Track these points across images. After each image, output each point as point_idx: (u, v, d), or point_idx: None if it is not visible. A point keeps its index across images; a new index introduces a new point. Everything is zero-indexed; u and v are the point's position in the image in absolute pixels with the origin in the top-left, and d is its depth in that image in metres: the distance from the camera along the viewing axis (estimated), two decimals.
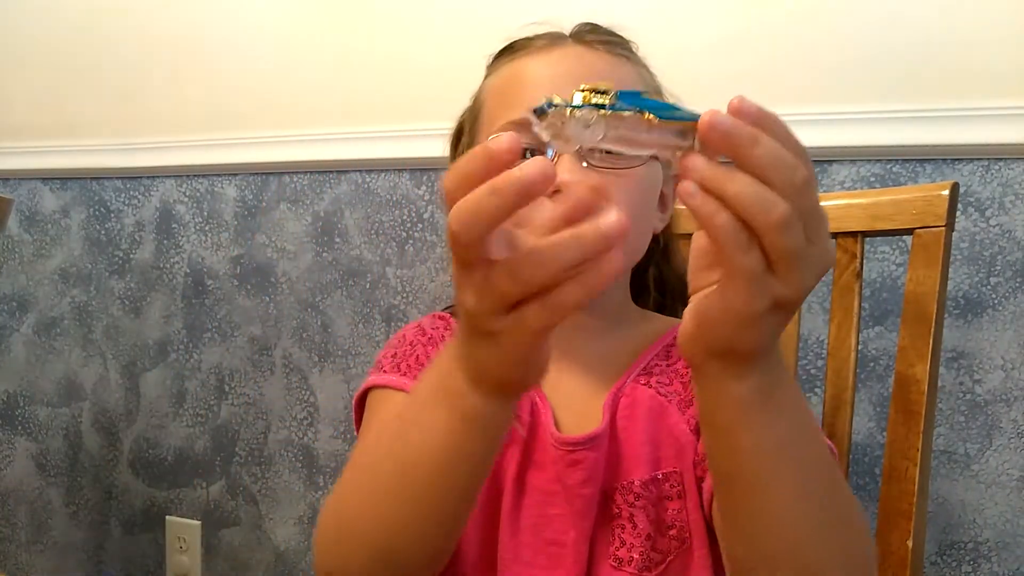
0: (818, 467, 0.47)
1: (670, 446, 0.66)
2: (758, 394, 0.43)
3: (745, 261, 0.38)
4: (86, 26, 1.57)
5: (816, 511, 0.46)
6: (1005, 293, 1.04)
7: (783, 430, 0.44)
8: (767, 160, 0.36)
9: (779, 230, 0.37)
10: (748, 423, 0.43)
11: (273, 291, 1.45)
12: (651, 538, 0.65)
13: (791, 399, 0.45)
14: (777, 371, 0.44)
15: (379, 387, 0.69)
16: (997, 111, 1.02)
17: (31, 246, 1.65)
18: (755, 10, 1.13)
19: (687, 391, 0.68)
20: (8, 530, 1.69)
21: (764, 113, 0.37)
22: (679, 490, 0.65)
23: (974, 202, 1.05)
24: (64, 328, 1.63)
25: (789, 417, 0.45)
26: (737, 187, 0.37)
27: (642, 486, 0.65)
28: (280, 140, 1.42)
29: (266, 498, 1.47)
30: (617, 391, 0.68)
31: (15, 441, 1.68)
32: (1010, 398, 1.04)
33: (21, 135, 1.64)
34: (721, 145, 0.36)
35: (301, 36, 1.41)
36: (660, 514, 0.65)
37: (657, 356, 0.70)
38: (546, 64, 0.69)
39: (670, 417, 0.67)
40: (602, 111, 0.38)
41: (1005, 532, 1.04)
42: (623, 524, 0.65)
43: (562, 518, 0.65)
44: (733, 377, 0.43)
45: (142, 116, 1.54)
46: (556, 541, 0.65)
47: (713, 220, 0.37)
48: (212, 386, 1.51)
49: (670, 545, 0.65)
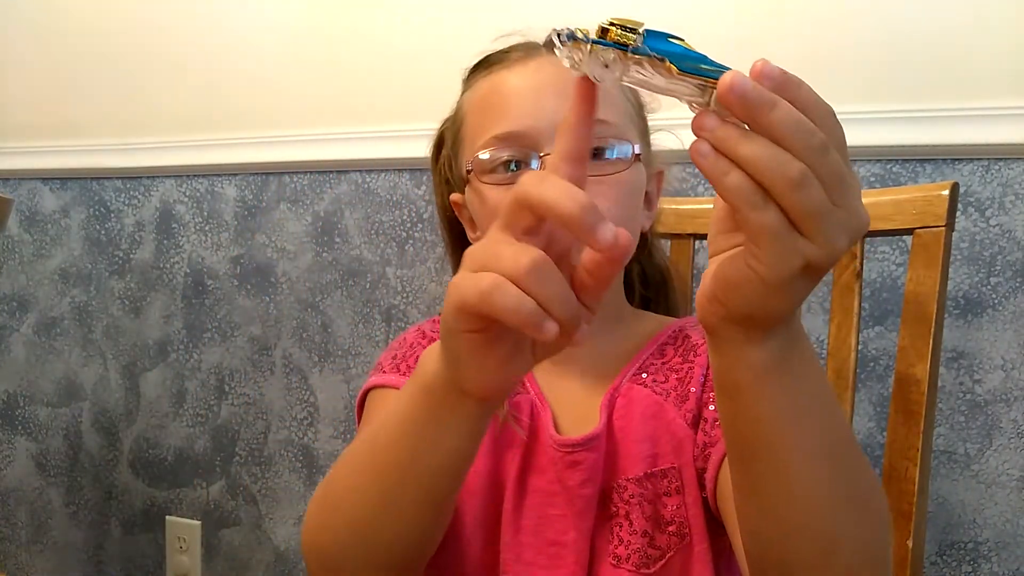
0: (835, 436, 0.45)
1: (667, 442, 0.66)
2: (777, 359, 0.42)
3: (763, 218, 0.36)
4: (86, 26, 1.57)
5: (832, 481, 0.45)
6: (1005, 293, 1.04)
7: (801, 396, 0.43)
8: (784, 124, 0.36)
9: (795, 188, 0.36)
10: (765, 389, 0.42)
11: (273, 291, 1.45)
12: (648, 535, 0.65)
13: (809, 365, 0.44)
14: (797, 336, 0.43)
15: (379, 387, 0.70)
16: (997, 111, 1.02)
17: (31, 246, 1.65)
18: (755, 13, 1.13)
19: (682, 386, 0.68)
20: (8, 530, 1.69)
21: (787, 77, 0.37)
22: (677, 486, 0.66)
23: (974, 202, 1.05)
24: (64, 328, 1.63)
25: (807, 383, 0.44)
26: (750, 148, 0.36)
27: (636, 483, 0.65)
28: (280, 140, 1.42)
29: (266, 498, 1.47)
30: (614, 392, 0.68)
31: (15, 441, 1.68)
32: (1010, 398, 1.04)
33: (21, 135, 1.64)
34: (738, 108, 0.36)
35: (301, 36, 1.41)
36: (658, 510, 0.65)
37: (652, 355, 0.71)
38: (525, 76, 0.69)
39: (667, 414, 0.67)
40: (622, 51, 0.37)
41: (1005, 532, 1.04)
42: (620, 522, 0.65)
43: (562, 519, 0.65)
44: (752, 342, 0.41)
45: (142, 116, 1.54)
46: (557, 541, 0.65)
47: (725, 180, 0.36)
48: (212, 386, 1.51)
49: (670, 541, 0.65)
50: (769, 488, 0.45)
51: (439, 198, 0.78)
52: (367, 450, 0.52)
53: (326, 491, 0.54)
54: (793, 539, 0.45)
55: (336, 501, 0.53)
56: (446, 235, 0.79)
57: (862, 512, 0.46)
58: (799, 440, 0.43)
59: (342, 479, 0.53)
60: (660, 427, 0.67)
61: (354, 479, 0.52)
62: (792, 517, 0.45)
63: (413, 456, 0.49)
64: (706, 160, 0.37)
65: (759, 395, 0.43)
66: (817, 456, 0.44)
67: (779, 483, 0.44)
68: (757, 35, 1.12)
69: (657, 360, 0.71)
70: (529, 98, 0.67)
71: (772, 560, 0.47)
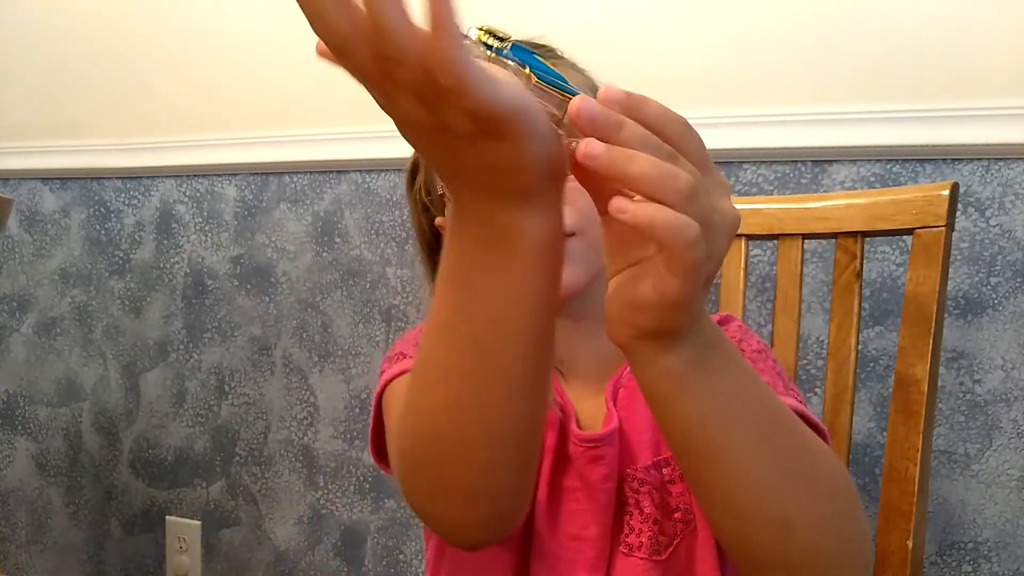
0: (770, 422, 0.47)
1: None
2: (692, 363, 0.43)
3: (695, 253, 0.37)
4: (86, 26, 1.57)
5: (773, 464, 0.46)
6: (1005, 293, 1.04)
7: (724, 393, 0.44)
8: (632, 142, 0.37)
9: (691, 199, 0.37)
10: (687, 392, 0.43)
11: (273, 291, 1.45)
12: (658, 522, 0.66)
13: (728, 359, 0.45)
14: (709, 335, 0.44)
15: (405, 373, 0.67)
16: (997, 111, 1.02)
17: (31, 246, 1.65)
18: (755, 13, 1.13)
19: None
20: (8, 530, 1.69)
21: (631, 98, 0.38)
22: (680, 473, 0.66)
23: (974, 202, 1.05)
24: (64, 328, 1.63)
25: (729, 377, 0.45)
26: (638, 167, 0.37)
27: (644, 471, 0.66)
28: (280, 140, 1.42)
29: (266, 498, 1.47)
30: (616, 383, 0.69)
31: (15, 441, 1.68)
32: (1010, 398, 1.04)
33: (21, 135, 1.64)
34: (587, 130, 0.37)
35: (302, 36, 1.40)
36: (664, 498, 0.66)
37: None
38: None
39: None
40: (488, 52, 0.39)
41: (1005, 532, 1.04)
42: (631, 511, 0.66)
43: (584, 513, 0.66)
44: (666, 351, 0.42)
45: (142, 116, 1.54)
46: (578, 536, 0.66)
47: (654, 222, 0.37)
48: (212, 386, 1.51)
49: (676, 528, 0.66)
50: (713, 482, 0.46)
51: (416, 223, 0.79)
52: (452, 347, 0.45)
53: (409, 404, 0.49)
54: (747, 525, 0.47)
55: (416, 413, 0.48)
56: (425, 258, 0.79)
57: (811, 487, 0.47)
58: (731, 435, 0.45)
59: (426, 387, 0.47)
60: None
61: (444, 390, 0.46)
62: (741, 506, 0.46)
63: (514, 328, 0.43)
64: (626, 215, 0.37)
65: (682, 400, 0.43)
66: (753, 445, 0.45)
67: (721, 476, 0.46)
68: (755, 34, 1.12)
69: None
70: None
71: (735, 544, 0.49)
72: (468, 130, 0.36)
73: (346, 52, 0.36)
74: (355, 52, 0.36)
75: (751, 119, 1.12)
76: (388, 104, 0.39)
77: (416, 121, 0.38)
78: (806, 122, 1.10)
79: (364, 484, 1.39)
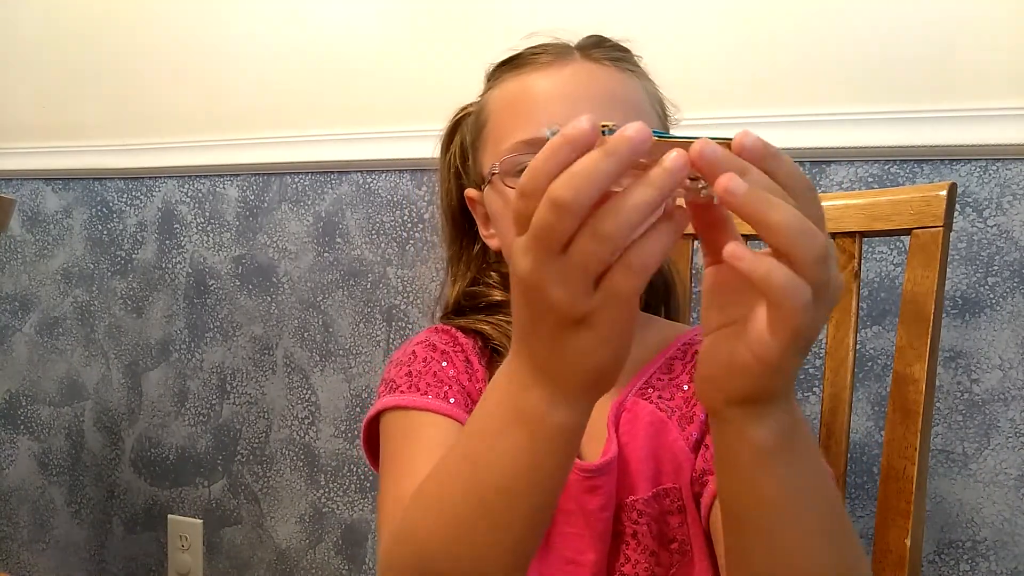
0: (831, 510, 0.46)
1: (669, 462, 0.66)
2: (779, 438, 0.41)
3: (802, 318, 0.36)
4: (88, 27, 1.58)
5: (824, 556, 0.45)
6: (1003, 293, 1.04)
7: (802, 474, 0.43)
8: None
9: (820, 264, 0.36)
10: (770, 469, 0.42)
11: (275, 291, 1.46)
12: (655, 554, 0.65)
13: (808, 442, 0.44)
14: (795, 413, 0.43)
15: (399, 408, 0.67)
16: (995, 111, 1.03)
17: (33, 246, 1.66)
18: (756, 14, 1.13)
19: (688, 406, 0.68)
20: (10, 529, 1.70)
21: (767, 149, 0.37)
22: (679, 505, 0.66)
23: (972, 202, 1.05)
24: (66, 328, 1.63)
25: (807, 461, 0.44)
26: (780, 215, 0.35)
27: (644, 503, 0.65)
28: (281, 141, 1.43)
29: (267, 497, 1.47)
30: (619, 405, 0.67)
31: (18, 440, 1.69)
32: (1008, 397, 1.04)
33: (24, 136, 1.64)
34: (708, 173, 0.36)
35: (302, 37, 1.41)
36: (662, 529, 0.66)
37: (659, 370, 0.70)
38: (555, 82, 0.67)
39: (669, 434, 0.66)
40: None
41: (1003, 531, 1.05)
42: (627, 541, 0.65)
43: (580, 538, 0.65)
44: (754, 422, 0.41)
45: (144, 117, 1.55)
46: (574, 560, 0.65)
47: (771, 278, 0.35)
48: (214, 385, 1.51)
49: (673, 558, 0.66)
50: (762, 559, 0.45)
51: (444, 188, 0.77)
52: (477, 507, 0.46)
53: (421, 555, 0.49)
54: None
55: (440, 565, 0.48)
56: (448, 226, 0.78)
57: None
58: (796, 518, 0.43)
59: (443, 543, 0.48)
60: (662, 446, 0.66)
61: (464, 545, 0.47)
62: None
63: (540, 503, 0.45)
64: (743, 263, 0.36)
65: (760, 474, 0.42)
66: (812, 533, 0.44)
67: (772, 556, 0.44)
68: (754, 36, 1.13)
69: (664, 376, 0.70)
70: (561, 104, 0.66)
71: None
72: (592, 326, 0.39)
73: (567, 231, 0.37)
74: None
75: (750, 120, 1.12)
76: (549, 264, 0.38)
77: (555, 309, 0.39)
78: (804, 123, 1.10)
79: (365, 483, 1.40)
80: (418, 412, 0.66)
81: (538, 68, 0.68)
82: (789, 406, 0.42)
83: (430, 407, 0.66)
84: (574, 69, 0.67)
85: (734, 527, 0.46)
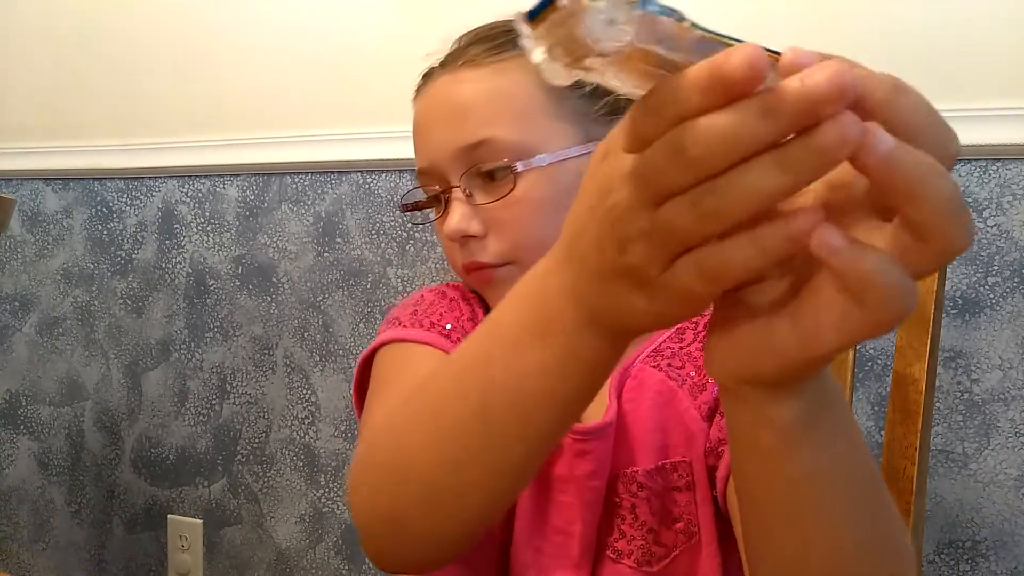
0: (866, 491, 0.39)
1: (680, 433, 0.62)
2: (806, 417, 0.34)
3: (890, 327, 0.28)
4: (88, 27, 1.58)
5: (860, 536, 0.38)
6: (1003, 293, 1.04)
7: (832, 454, 0.36)
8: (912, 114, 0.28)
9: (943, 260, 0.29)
10: (794, 450, 0.35)
11: (275, 291, 1.46)
12: (653, 531, 0.62)
13: (841, 415, 0.37)
14: (826, 386, 0.36)
15: (399, 341, 0.65)
16: (995, 111, 1.03)
17: (33, 246, 1.66)
18: (750, 12, 1.13)
19: (700, 375, 0.64)
20: (10, 529, 1.70)
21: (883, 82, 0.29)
22: (688, 481, 0.62)
23: (972, 202, 1.05)
24: (66, 328, 1.64)
25: (839, 438, 0.37)
26: (942, 190, 0.27)
27: (646, 475, 0.62)
28: (281, 141, 1.43)
29: (268, 497, 1.48)
30: (624, 371, 0.64)
31: (17, 440, 1.69)
32: (1007, 397, 1.04)
33: (23, 136, 1.64)
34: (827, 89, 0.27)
35: (303, 36, 1.41)
36: (666, 506, 0.62)
37: (670, 338, 0.66)
38: (424, 106, 0.69)
39: (680, 403, 0.63)
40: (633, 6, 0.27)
41: (1003, 531, 1.05)
42: (623, 515, 0.62)
43: (570, 507, 0.62)
44: (778, 401, 0.34)
45: (144, 117, 1.55)
46: (564, 530, 0.62)
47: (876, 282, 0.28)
48: (214, 385, 1.51)
49: (676, 539, 0.62)
50: (786, 545, 0.39)
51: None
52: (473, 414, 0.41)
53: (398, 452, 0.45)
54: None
55: (419, 465, 0.44)
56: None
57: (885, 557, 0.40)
58: (825, 501, 0.37)
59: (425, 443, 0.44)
60: (672, 416, 0.63)
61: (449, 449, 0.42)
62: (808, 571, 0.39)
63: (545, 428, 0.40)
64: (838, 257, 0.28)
65: (783, 457, 0.35)
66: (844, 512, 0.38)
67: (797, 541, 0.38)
68: (753, 37, 1.13)
69: (675, 343, 0.66)
70: (425, 132, 0.68)
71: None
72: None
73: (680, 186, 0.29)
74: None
75: None
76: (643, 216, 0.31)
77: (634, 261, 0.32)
78: None
79: None
80: (418, 345, 0.63)
81: (421, 91, 0.71)
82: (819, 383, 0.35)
83: (431, 341, 0.63)
84: (433, 88, 0.69)
85: (753, 514, 0.40)
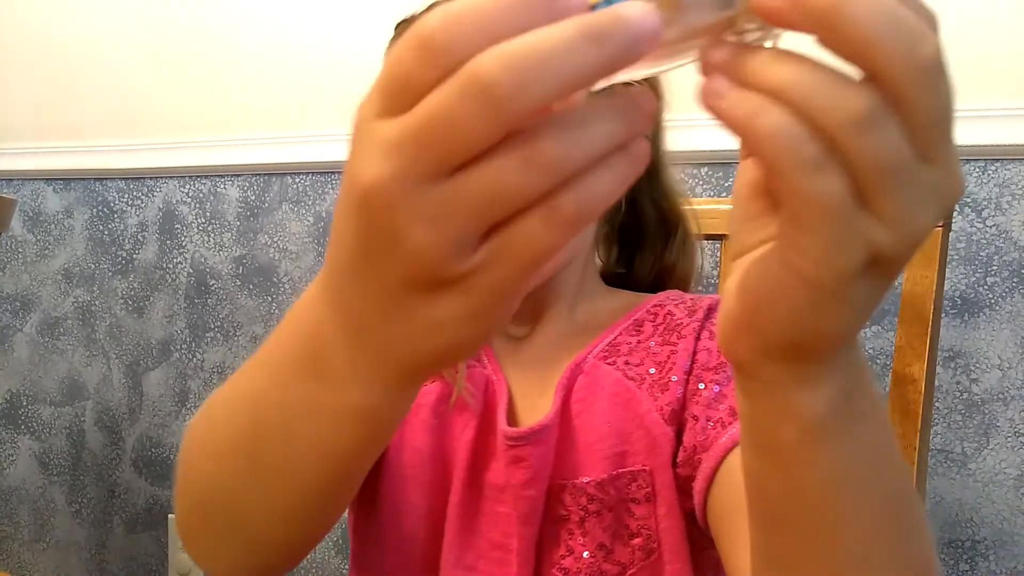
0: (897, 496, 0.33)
1: (640, 439, 0.56)
2: (834, 409, 0.29)
3: (817, 185, 0.23)
4: (88, 27, 1.58)
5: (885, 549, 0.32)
6: (1002, 293, 1.05)
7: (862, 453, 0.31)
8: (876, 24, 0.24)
9: (860, 129, 0.24)
10: (816, 450, 0.30)
11: (275, 291, 1.46)
12: (605, 547, 0.56)
13: (874, 410, 0.31)
14: (860, 371, 0.30)
15: None
16: (995, 111, 1.03)
17: (34, 246, 1.66)
18: None
19: (661, 373, 0.57)
20: (11, 528, 1.70)
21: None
22: (648, 492, 0.56)
23: (971, 202, 1.05)
24: (67, 328, 1.64)
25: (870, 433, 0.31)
26: (789, 71, 0.24)
27: (597, 487, 0.56)
28: (282, 141, 1.43)
29: None
30: (576, 367, 0.58)
31: (18, 440, 1.69)
32: (1007, 397, 1.05)
33: (24, 136, 1.64)
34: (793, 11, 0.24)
35: (304, 37, 1.42)
36: (621, 519, 0.56)
37: (625, 331, 0.61)
38: None
39: (639, 405, 0.57)
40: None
41: (1002, 531, 1.05)
42: (571, 529, 0.56)
43: (507, 519, 0.57)
44: (801, 386, 0.29)
45: (145, 117, 1.55)
46: (502, 544, 0.57)
47: (757, 123, 0.24)
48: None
49: (633, 556, 0.56)
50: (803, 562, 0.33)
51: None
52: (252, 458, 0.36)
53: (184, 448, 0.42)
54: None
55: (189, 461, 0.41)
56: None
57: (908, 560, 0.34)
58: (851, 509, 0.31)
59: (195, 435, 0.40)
60: (630, 420, 0.57)
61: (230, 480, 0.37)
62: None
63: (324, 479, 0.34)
64: (725, 99, 0.25)
65: (806, 458, 0.30)
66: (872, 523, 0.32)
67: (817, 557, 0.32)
68: None
69: (631, 338, 0.60)
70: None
71: None
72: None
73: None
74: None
75: None
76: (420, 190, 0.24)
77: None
78: None
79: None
80: None
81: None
82: (851, 366, 0.29)
83: None
84: None
85: (765, 523, 0.34)
